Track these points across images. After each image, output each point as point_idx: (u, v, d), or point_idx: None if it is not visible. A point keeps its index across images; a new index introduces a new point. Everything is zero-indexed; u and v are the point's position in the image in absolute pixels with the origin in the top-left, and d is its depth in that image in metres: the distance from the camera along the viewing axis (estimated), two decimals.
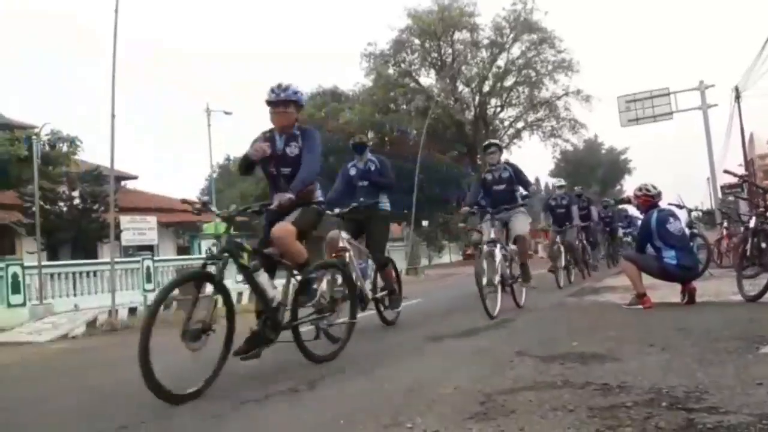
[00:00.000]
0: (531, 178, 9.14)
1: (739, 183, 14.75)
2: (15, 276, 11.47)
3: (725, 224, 10.91)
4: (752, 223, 5.75)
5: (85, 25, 79.28)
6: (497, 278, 5.62)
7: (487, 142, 7.35)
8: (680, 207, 8.80)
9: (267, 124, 4.08)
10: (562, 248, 9.23)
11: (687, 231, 6.80)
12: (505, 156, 37.95)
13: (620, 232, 15.03)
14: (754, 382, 2.51)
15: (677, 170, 70.89)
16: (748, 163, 23.36)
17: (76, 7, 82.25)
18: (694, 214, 10.01)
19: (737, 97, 22.72)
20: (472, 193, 7.06)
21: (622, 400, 2.39)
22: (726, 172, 7.57)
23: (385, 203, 5.84)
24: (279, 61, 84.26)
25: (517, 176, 6.84)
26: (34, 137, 13.66)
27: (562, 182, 10.99)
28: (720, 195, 20.20)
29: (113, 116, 9.43)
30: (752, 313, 4.65)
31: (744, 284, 5.47)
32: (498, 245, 5.80)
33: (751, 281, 5.54)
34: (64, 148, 18.96)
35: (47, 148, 17.55)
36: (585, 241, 11.30)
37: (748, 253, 5.64)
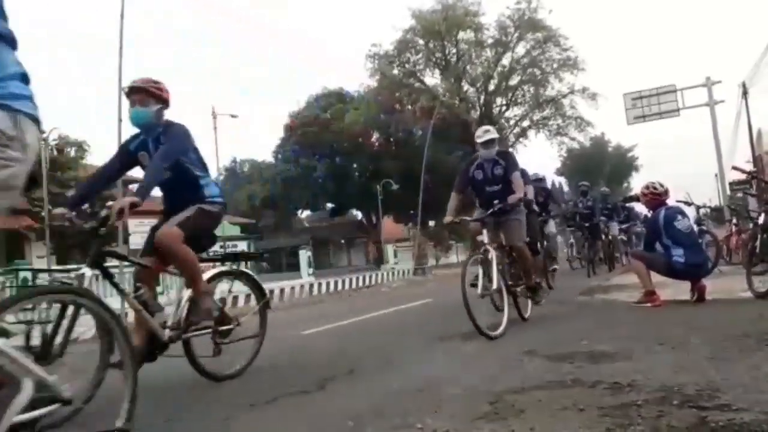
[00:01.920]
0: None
1: (747, 179, 14.65)
2: (25, 281, 11.55)
3: (734, 221, 10.83)
4: (761, 220, 5.72)
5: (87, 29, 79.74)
6: None
7: None
8: (688, 204, 8.74)
9: (272, 127, 3.98)
10: (493, 254, 4.68)
11: (696, 228, 6.76)
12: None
13: (615, 229, 12.48)
14: (766, 379, 2.50)
15: (685, 167, 70.55)
16: (757, 159, 23.22)
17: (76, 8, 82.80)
18: (702, 211, 9.95)
19: (744, 93, 22.60)
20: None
21: (632, 399, 2.37)
22: (734, 168, 7.54)
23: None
24: (283, 63, 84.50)
25: None
26: (42, 142, 13.76)
27: (493, 133, 5.31)
28: (728, 191, 20.08)
29: (120, 120, 9.48)
30: (762, 309, 4.61)
31: (754, 281, 5.43)
32: None
33: (760, 278, 5.50)
34: (72, 153, 19.08)
35: (55, 152, 17.66)
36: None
37: (757, 250, 5.60)
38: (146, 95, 3.48)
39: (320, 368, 3.69)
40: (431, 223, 33.23)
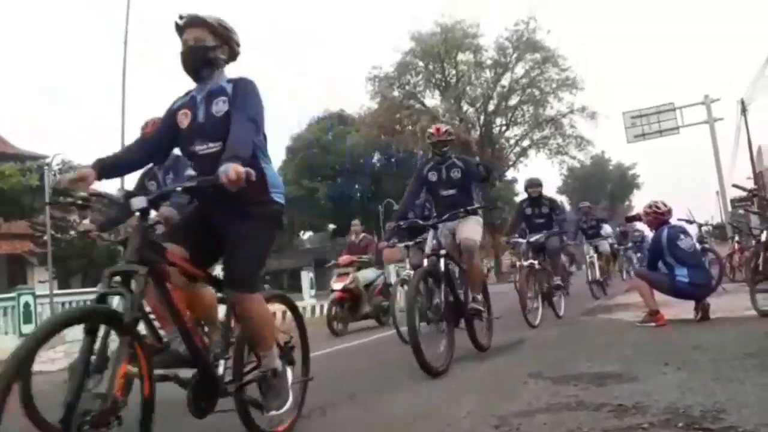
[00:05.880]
0: None
1: (748, 197, 14.66)
2: (27, 305, 11.53)
3: (736, 238, 10.81)
4: (764, 237, 5.70)
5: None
6: None
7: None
8: (690, 222, 8.73)
9: (274, 150, 3.97)
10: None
11: (698, 246, 6.74)
12: (511, 174, 38.04)
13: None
14: None
15: (686, 184, 70.72)
16: (757, 176, 23.27)
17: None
18: (704, 228, 9.93)
19: (743, 110, 22.72)
20: None
21: (638, 421, 2.35)
22: (735, 186, 7.53)
23: None
24: (287, 84, 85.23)
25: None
26: (45, 167, 13.85)
27: None
28: (730, 208, 20.06)
29: (123, 145, 9.56)
30: (767, 327, 4.58)
31: (758, 298, 5.40)
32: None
33: (764, 295, 5.46)
34: None
35: (58, 177, 17.76)
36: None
37: (760, 267, 5.57)
38: None
39: (321, 393, 3.65)
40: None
